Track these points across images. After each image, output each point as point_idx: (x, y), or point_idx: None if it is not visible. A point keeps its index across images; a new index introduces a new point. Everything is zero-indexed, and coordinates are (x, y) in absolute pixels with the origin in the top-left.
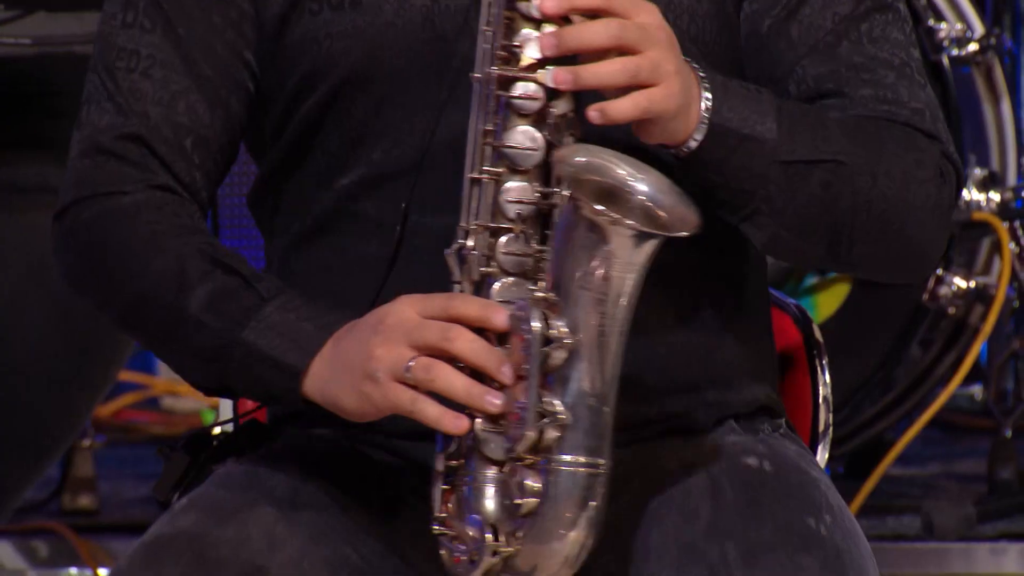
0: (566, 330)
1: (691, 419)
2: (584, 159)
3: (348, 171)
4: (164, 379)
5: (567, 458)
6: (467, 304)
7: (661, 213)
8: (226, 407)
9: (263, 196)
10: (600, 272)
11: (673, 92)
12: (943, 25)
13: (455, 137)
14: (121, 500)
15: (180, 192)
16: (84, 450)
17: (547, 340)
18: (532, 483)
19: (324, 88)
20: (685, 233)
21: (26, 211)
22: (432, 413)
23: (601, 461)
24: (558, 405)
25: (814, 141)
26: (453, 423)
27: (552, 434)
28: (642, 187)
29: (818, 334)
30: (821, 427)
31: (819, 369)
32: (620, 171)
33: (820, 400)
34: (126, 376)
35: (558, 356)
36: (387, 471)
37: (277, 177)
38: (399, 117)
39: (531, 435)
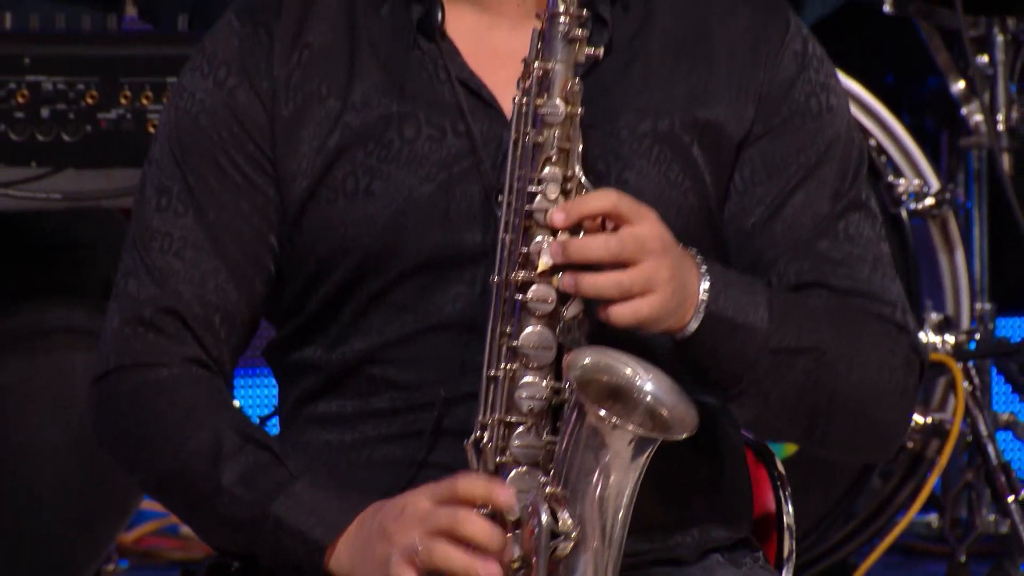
0: (572, 523)
1: (678, 553)
2: (590, 361)
3: (359, 339)
4: None
5: None
6: (473, 485)
7: (664, 411)
8: None
9: (279, 354)
10: (604, 471)
11: (666, 298)
12: (902, 181)
13: (461, 315)
14: None
15: (210, 365)
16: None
17: (554, 533)
18: None
19: (339, 271)
20: (685, 435)
21: (51, 352)
22: None
23: None
24: None
25: (801, 330)
26: None
27: None
28: (648, 386)
29: (780, 467)
30: (786, 552)
31: (783, 499)
32: (627, 370)
33: (784, 527)
34: (147, 505)
35: (564, 548)
36: None
37: (293, 341)
38: (408, 298)
39: None
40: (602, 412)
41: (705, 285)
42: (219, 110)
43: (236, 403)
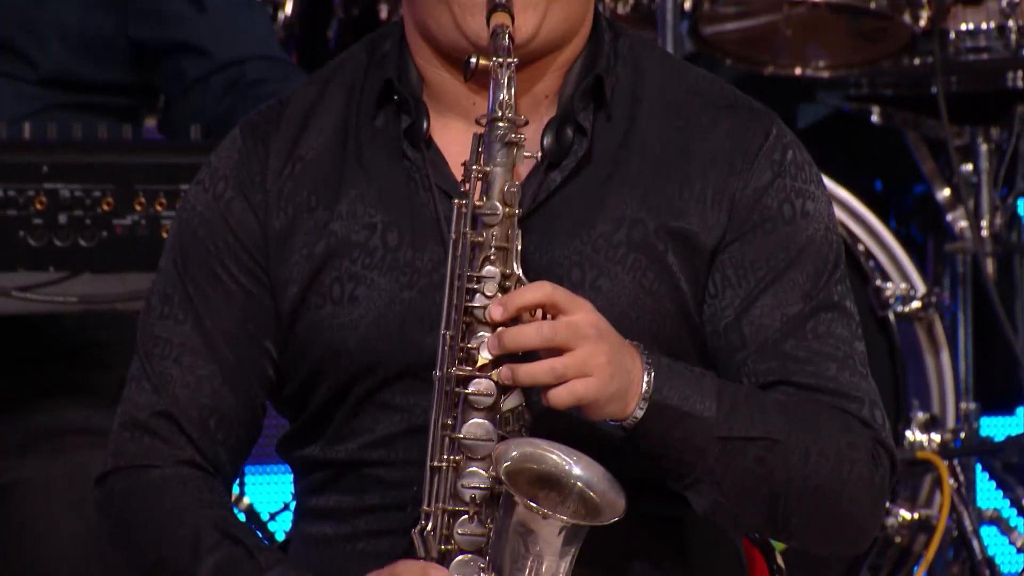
0: None
1: None
2: (518, 452)
3: (352, 438)
4: None
5: None
6: (410, 572)
7: (594, 496)
8: None
9: (288, 450)
10: (536, 559)
11: (604, 382)
12: (889, 284)
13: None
14: None
15: (205, 466)
16: None
17: None
18: None
19: (331, 375)
20: (614, 519)
21: (70, 452)
22: None
23: None
24: None
25: (751, 420)
26: None
27: None
28: (577, 471)
29: (780, 561)
30: None
31: None
32: (555, 458)
33: None
34: None
35: None
36: None
37: (298, 438)
38: (395, 399)
39: None
40: (532, 503)
41: (648, 376)
42: (216, 222)
43: (246, 500)
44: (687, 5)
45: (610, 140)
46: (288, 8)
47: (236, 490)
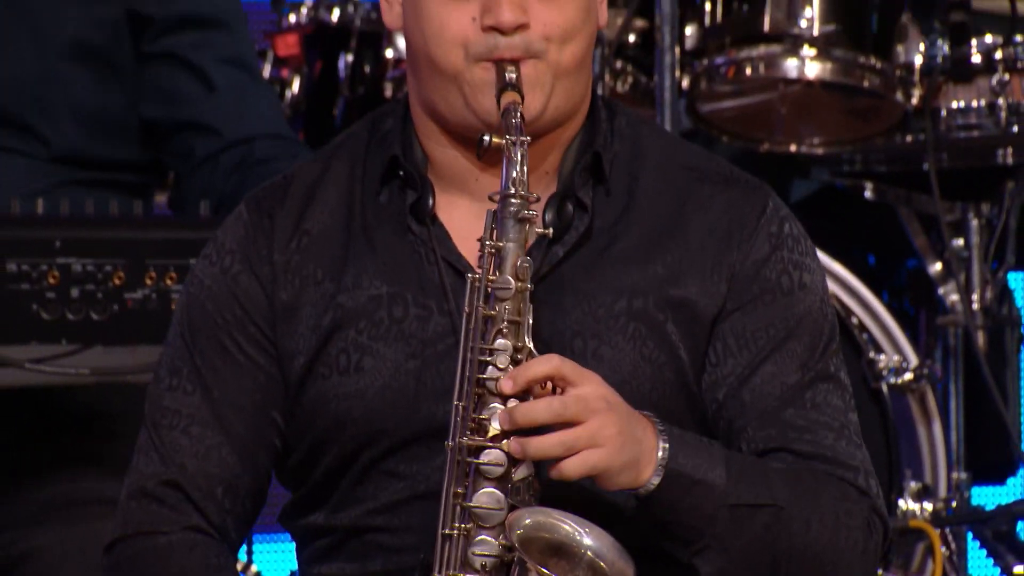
0: None
1: None
2: (531, 520)
3: (356, 506)
4: None
5: None
6: None
7: (604, 565)
8: None
9: (290, 519)
10: None
11: (614, 452)
12: (882, 356)
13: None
14: None
15: (211, 533)
16: None
17: None
18: None
19: (337, 444)
20: None
21: (84, 521)
22: None
23: None
24: None
25: (758, 488)
26: None
27: None
28: (587, 541)
29: None
30: None
31: None
32: (567, 527)
33: None
34: None
35: None
36: None
37: (301, 507)
38: (399, 467)
39: None
40: (544, 570)
41: (663, 443)
42: (223, 295)
43: (254, 568)
44: (684, 83)
45: (609, 214)
46: (295, 87)
47: (244, 558)
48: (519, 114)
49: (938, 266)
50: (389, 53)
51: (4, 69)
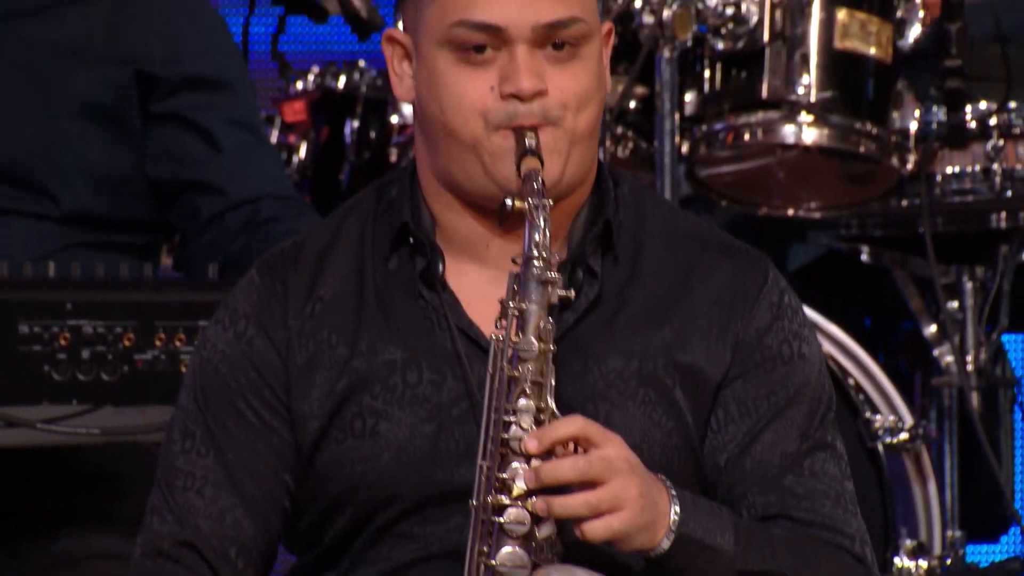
0: None
1: None
2: None
3: (367, 567)
4: None
5: None
6: None
7: None
8: None
9: None
10: None
11: (635, 515)
12: (878, 417)
13: (459, 543)
14: None
15: None
16: None
17: None
18: None
19: (350, 507)
20: None
21: None
22: None
23: None
24: None
25: (763, 554)
26: None
27: None
28: None
29: None
30: None
31: None
32: None
33: None
34: None
35: None
36: None
37: (310, 570)
38: (413, 529)
39: None
40: None
41: (676, 508)
42: (238, 359)
43: None
44: (684, 149)
45: (617, 281)
46: (302, 152)
47: None
48: (540, 179)
49: (933, 328)
50: (394, 119)
51: (15, 130)
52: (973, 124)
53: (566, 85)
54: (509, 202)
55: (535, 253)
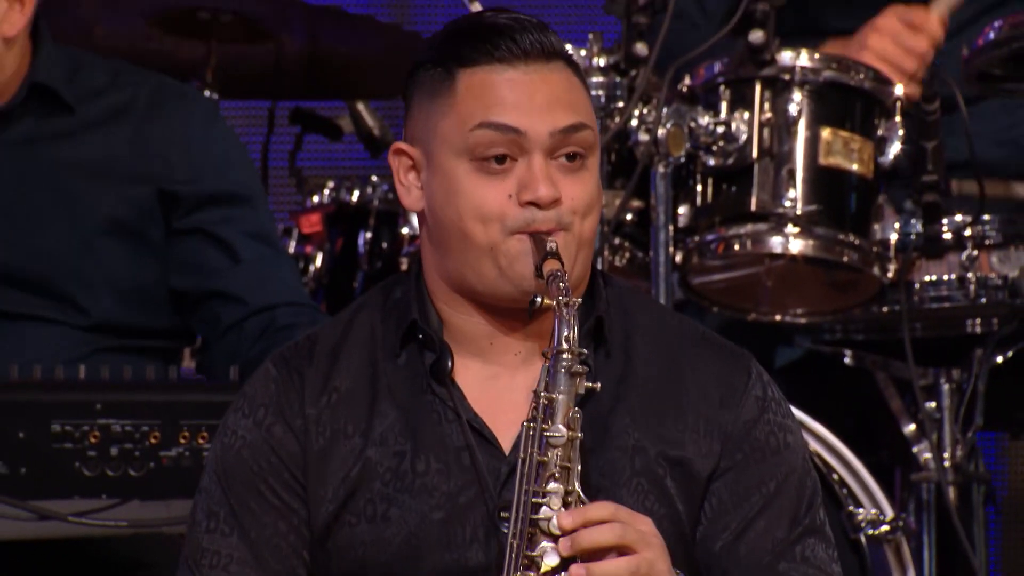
0: None
1: None
2: None
3: None
4: None
5: None
6: None
7: None
8: None
9: None
10: None
11: None
12: (861, 510)
13: None
14: None
15: None
16: None
17: None
18: None
19: None
20: None
21: None
22: None
23: None
24: None
25: None
26: None
27: None
28: None
29: None
30: None
31: None
32: None
33: None
34: None
35: None
36: None
37: None
38: None
39: None
40: None
41: None
42: (258, 444)
43: None
44: (678, 258)
45: (610, 375)
46: (318, 261)
47: None
48: (565, 279)
49: (912, 427)
50: (405, 230)
51: (46, 245)
52: (949, 235)
53: (576, 193)
54: (539, 300)
55: (564, 347)
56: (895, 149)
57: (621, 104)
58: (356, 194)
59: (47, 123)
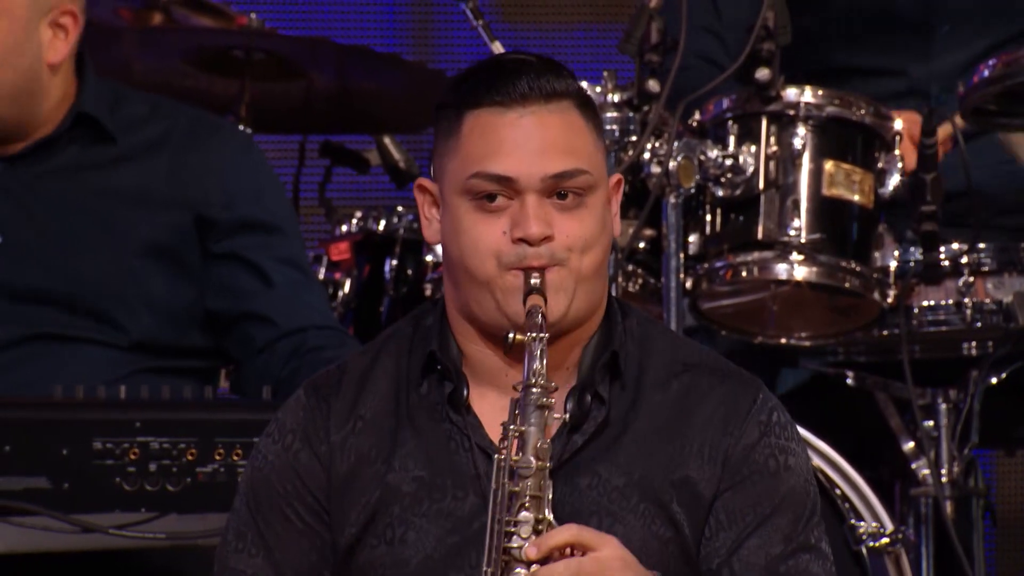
0: None
1: None
2: None
3: None
4: None
5: None
6: None
7: None
8: None
9: None
10: None
11: None
12: (862, 523)
13: None
14: None
15: None
16: None
17: None
18: None
19: None
20: None
21: None
22: None
23: None
24: None
25: None
26: None
27: None
28: None
29: None
30: None
31: None
32: None
33: None
34: None
35: None
36: None
37: None
38: None
39: None
40: None
41: None
42: (285, 469)
43: None
44: (688, 284)
45: (622, 405)
46: (347, 287)
47: None
48: (541, 315)
49: (911, 444)
50: (429, 258)
51: (87, 268)
52: (946, 263)
53: (572, 230)
54: (511, 335)
55: (533, 380)
56: (894, 180)
57: (634, 138)
58: (383, 223)
59: (90, 152)
